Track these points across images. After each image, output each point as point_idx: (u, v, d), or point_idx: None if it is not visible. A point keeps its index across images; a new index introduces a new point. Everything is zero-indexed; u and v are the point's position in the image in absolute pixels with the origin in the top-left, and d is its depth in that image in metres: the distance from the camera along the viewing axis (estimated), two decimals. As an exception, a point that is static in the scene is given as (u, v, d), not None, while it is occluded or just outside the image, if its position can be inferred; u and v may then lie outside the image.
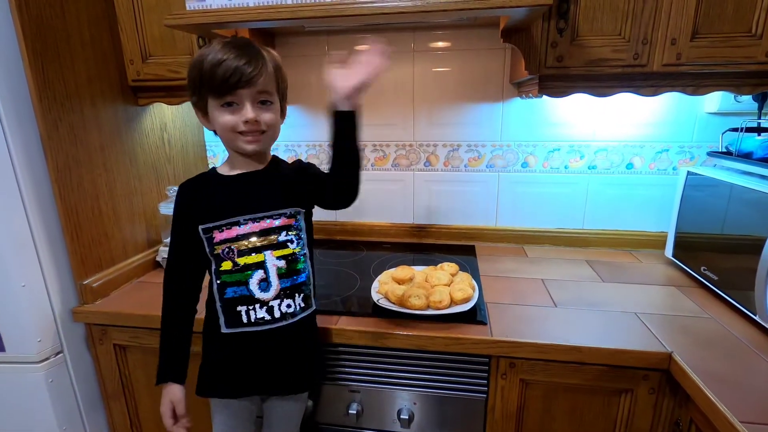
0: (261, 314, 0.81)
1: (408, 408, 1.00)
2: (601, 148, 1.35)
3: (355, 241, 1.52)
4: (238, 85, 0.73)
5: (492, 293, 1.09)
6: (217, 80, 0.73)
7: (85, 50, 1.05)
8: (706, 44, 0.94)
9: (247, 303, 0.80)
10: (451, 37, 1.35)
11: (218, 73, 0.72)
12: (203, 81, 0.75)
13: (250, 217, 0.80)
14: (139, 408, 1.17)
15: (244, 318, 0.81)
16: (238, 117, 0.76)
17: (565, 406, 0.94)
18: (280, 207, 0.82)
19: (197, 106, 0.80)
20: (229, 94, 0.74)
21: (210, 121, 0.80)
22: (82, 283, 1.06)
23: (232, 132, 0.77)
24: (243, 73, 0.72)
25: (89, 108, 1.08)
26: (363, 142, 1.47)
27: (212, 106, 0.77)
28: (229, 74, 0.72)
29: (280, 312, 0.82)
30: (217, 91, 0.74)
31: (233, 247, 0.80)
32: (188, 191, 0.84)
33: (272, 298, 0.81)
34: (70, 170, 1.03)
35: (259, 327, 0.81)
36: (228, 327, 0.82)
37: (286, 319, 0.82)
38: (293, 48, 1.43)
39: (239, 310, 0.80)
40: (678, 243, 1.22)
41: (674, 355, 0.83)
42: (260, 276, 0.80)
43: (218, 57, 0.72)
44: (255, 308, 0.80)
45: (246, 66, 0.73)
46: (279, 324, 0.82)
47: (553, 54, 0.99)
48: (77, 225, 1.05)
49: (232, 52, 0.73)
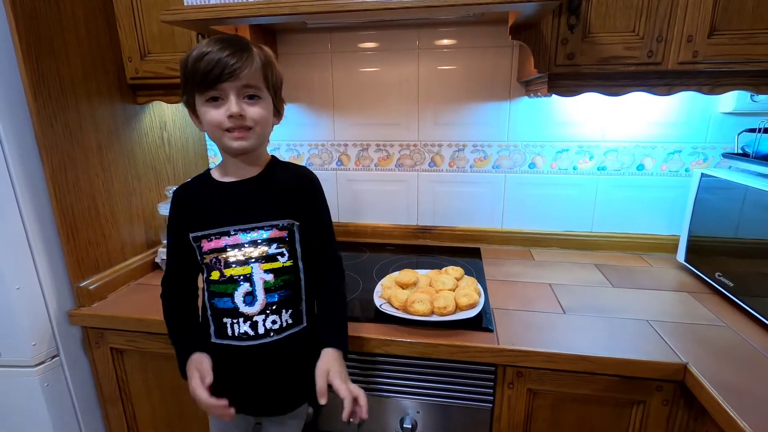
0: (244, 329, 0.78)
1: (411, 416, 0.97)
2: (611, 148, 1.32)
3: (357, 242, 1.49)
4: (220, 78, 0.69)
5: (498, 298, 1.06)
6: (200, 74, 0.70)
7: (81, 46, 1.03)
8: (725, 41, 0.90)
9: (232, 316, 0.78)
10: (457, 35, 1.31)
11: (200, 67, 0.70)
12: (188, 77, 0.73)
13: (240, 227, 0.78)
14: (137, 412, 1.14)
15: (229, 330, 0.79)
16: (224, 112, 0.72)
17: (574, 417, 0.90)
18: (273, 218, 0.79)
19: (188, 104, 0.78)
20: (212, 89, 0.71)
21: (202, 120, 0.77)
22: (79, 286, 1.04)
23: (218, 129, 0.74)
24: (225, 65, 0.69)
25: (86, 106, 1.05)
26: (366, 142, 1.45)
27: (199, 103, 0.75)
28: (210, 67, 0.69)
29: (264, 328, 0.78)
30: (200, 86, 0.72)
31: (220, 258, 0.78)
32: (181, 198, 0.83)
33: (257, 312, 0.77)
34: (66, 169, 1.00)
35: (242, 342, 0.78)
36: (216, 337, 0.80)
37: (269, 335, 0.78)
38: (295, 45, 1.40)
39: (225, 322, 0.79)
40: (691, 247, 1.18)
41: (690, 366, 0.79)
42: (246, 289, 0.77)
43: (201, 51, 0.70)
44: (239, 322, 0.78)
45: (229, 58, 0.69)
46: (262, 341, 0.78)
47: (564, 51, 0.96)
48: (73, 226, 1.02)
49: (216, 45, 0.70)
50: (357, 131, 1.45)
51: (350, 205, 1.53)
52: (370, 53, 1.37)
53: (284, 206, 0.80)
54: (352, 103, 1.42)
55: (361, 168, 1.48)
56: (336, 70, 1.40)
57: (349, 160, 1.48)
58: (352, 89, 1.41)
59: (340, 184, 1.51)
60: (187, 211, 0.81)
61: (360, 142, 1.46)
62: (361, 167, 1.48)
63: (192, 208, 0.81)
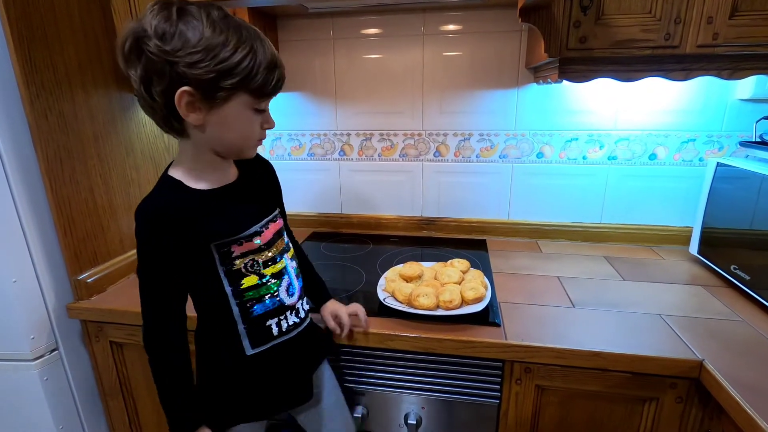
0: (292, 320, 0.78)
1: (416, 412, 0.95)
2: (623, 137, 1.27)
3: (361, 234, 1.46)
4: (278, 88, 0.67)
5: (505, 292, 1.03)
6: (272, 81, 0.65)
7: (75, 34, 1.00)
8: (747, 22, 0.85)
9: (278, 313, 0.76)
10: (463, 19, 1.27)
11: (275, 75, 0.65)
12: (251, 75, 0.62)
13: (262, 224, 0.74)
14: (138, 406, 1.13)
15: (274, 330, 0.75)
16: (262, 122, 0.69)
17: (583, 414, 0.88)
18: (273, 209, 0.80)
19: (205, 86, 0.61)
20: (268, 98, 0.68)
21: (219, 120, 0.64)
22: (77, 279, 1.02)
23: (250, 139, 0.69)
24: (284, 75, 0.68)
25: (81, 95, 1.02)
26: (370, 131, 1.42)
27: (240, 105, 0.64)
28: (282, 77, 0.66)
29: (304, 310, 0.81)
30: (266, 94, 0.66)
31: (257, 259, 0.73)
32: (169, 212, 0.66)
33: (297, 299, 0.79)
34: (62, 161, 0.98)
35: (290, 334, 0.78)
36: (255, 347, 0.74)
37: (308, 316, 0.83)
38: (296, 32, 1.36)
39: (269, 324, 0.75)
40: (704, 239, 1.14)
41: (706, 363, 0.76)
42: (287, 282, 0.77)
43: (272, 54, 0.64)
44: (286, 316, 0.77)
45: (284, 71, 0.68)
46: (305, 323, 0.81)
47: (576, 35, 0.91)
48: (70, 218, 1.00)
49: (271, 48, 0.65)
50: (360, 120, 1.41)
51: (353, 196, 1.49)
52: (373, 39, 1.33)
53: (271, 197, 0.81)
54: (355, 91, 1.38)
55: (365, 158, 1.45)
56: (338, 57, 1.36)
57: (352, 150, 1.45)
58: (354, 77, 1.37)
59: (342, 174, 1.48)
60: (195, 221, 0.67)
61: (363, 131, 1.42)
62: (364, 157, 1.45)
63: (192, 223, 0.67)
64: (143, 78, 0.62)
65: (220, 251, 0.69)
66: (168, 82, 0.60)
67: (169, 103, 0.62)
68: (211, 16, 0.61)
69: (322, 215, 1.53)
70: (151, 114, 0.67)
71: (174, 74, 0.60)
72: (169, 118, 0.64)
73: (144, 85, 0.62)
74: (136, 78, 0.62)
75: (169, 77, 0.60)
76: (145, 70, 0.61)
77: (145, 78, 0.61)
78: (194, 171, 0.70)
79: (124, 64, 0.63)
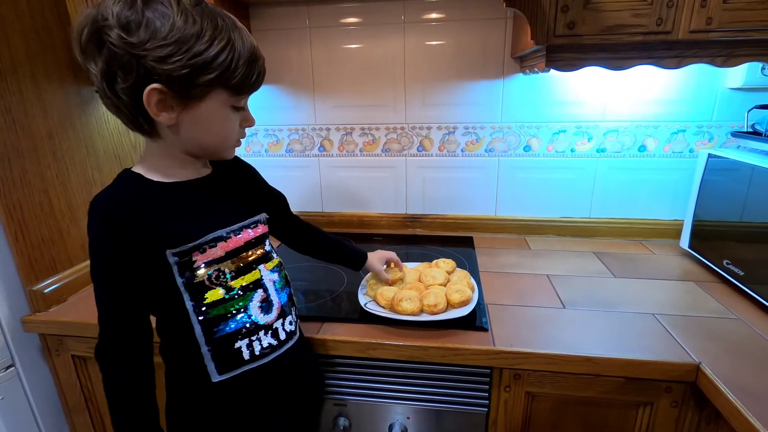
0: (266, 342, 0.67)
1: (401, 422, 0.89)
2: (611, 129, 1.23)
3: (342, 233, 1.40)
4: (258, 83, 0.62)
5: (493, 292, 0.98)
6: (253, 76, 0.60)
7: (21, 20, 0.91)
8: (742, 6, 0.81)
9: (249, 334, 0.65)
10: (446, 7, 1.21)
11: (255, 70, 0.60)
12: (229, 69, 0.56)
13: (231, 229, 0.65)
14: (105, 420, 1.06)
15: (245, 354, 0.65)
16: (241, 121, 0.64)
17: (575, 420, 0.84)
18: (253, 213, 0.71)
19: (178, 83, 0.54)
20: (247, 94, 0.63)
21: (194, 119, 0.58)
22: (32, 289, 0.94)
23: (229, 139, 0.64)
24: (264, 69, 0.63)
25: (31, 89, 0.93)
26: (350, 125, 1.35)
27: (218, 103, 0.59)
28: (263, 70, 0.62)
29: (285, 332, 0.70)
30: (246, 89, 0.61)
31: (223, 269, 0.63)
32: (123, 206, 0.59)
33: (275, 319, 0.68)
34: (10, 160, 0.89)
35: (264, 359, 0.67)
36: (222, 373, 0.64)
37: (291, 338, 0.71)
38: (270, 21, 1.28)
39: (238, 347, 0.64)
40: (695, 233, 1.11)
41: (703, 366, 0.72)
42: (261, 297, 0.67)
43: (251, 45, 0.59)
44: (259, 337, 0.66)
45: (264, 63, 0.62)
46: (286, 346, 0.70)
47: (564, 20, 0.86)
48: (22, 223, 0.92)
49: (250, 38, 0.59)
50: (340, 114, 1.35)
51: (334, 193, 1.43)
52: (352, 28, 1.26)
53: (252, 200, 0.74)
54: (334, 84, 1.32)
55: (345, 154, 1.38)
56: (315, 48, 1.29)
57: (332, 145, 1.38)
58: (333, 68, 1.30)
59: (322, 171, 1.41)
60: (147, 223, 0.59)
61: (343, 125, 1.36)
62: (345, 153, 1.38)
63: (147, 218, 0.59)
64: (105, 73, 0.54)
65: (181, 260, 0.61)
66: (135, 79, 0.54)
67: (136, 102, 0.55)
68: (182, 3, 0.54)
69: (302, 214, 1.45)
70: (116, 113, 0.59)
71: (141, 69, 0.53)
72: (137, 117, 0.58)
73: (106, 81, 0.55)
74: (96, 73, 0.55)
75: (136, 73, 0.53)
76: (107, 64, 0.53)
77: (107, 73, 0.54)
78: (160, 168, 0.63)
79: (82, 57, 0.55)
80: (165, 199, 0.62)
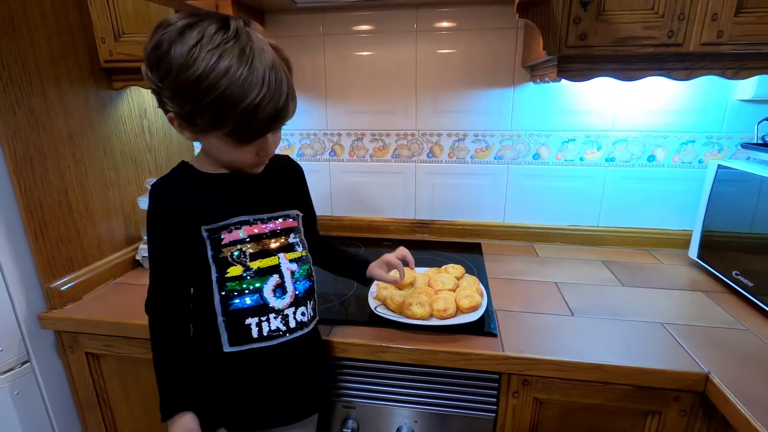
0: (275, 325, 0.71)
1: (408, 426, 0.90)
2: (621, 138, 1.24)
3: (352, 237, 1.41)
4: (269, 129, 0.64)
5: (501, 299, 0.99)
6: (249, 128, 0.61)
7: (46, 24, 0.94)
8: (753, 20, 0.82)
9: (260, 313, 0.70)
10: (458, 16, 1.22)
11: (252, 122, 0.60)
12: (219, 118, 0.59)
13: (259, 217, 0.72)
14: (116, 419, 1.07)
15: (254, 332, 0.70)
16: (254, 150, 0.66)
17: (583, 428, 0.84)
18: (283, 208, 0.75)
19: (183, 117, 0.62)
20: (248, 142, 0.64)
21: (204, 143, 0.67)
22: (49, 287, 0.96)
23: (241, 165, 0.69)
24: (282, 118, 0.63)
25: (54, 91, 0.96)
26: (361, 131, 1.37)
27: (222, 140, 0.63)
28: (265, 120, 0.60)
29: (295, 321, 0.74)
30: (239, 137, 0.62)
31: (245, 250, 0.70)
32: (169, 192, 0.70)
33: (287, 305, 0.73)
34: (32, 160, 0.92)
35: (271, 341, 0.71)
36: (233, 345, 0.71)
37: (301, 328, 0.74)
38: (284, 27, 1.30)
39: (248, 323, 0.70)
40: (704, 243, 1.12)
41: (712, 376, 0.73)
42: (275, 281, 0.72)
43: (255, 92, 0.57)
44: (269, 318, 0.71)
45: (285, 108, 0.62)
46: (293, 335, 0.73)
47: (576, 31, 0.88)
48: (42, 221, 0.94)
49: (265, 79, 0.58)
50: (351, 119, 1.36)
51: (344, 198, 1.45)
52: (364, 36, 1.28)
53: (289, 196, 0.79)
54: (346, 90, 1.34)
55: (356, 159, 1.40)
56: (328, 54, 1.31)
57: (342, 150, 1.40)
58: (345, 74, 1.32)
59: (333, 175, 1.43)
60: (188, 203, 0.69)
61: (354, 131, 1.37)
62: (355, 158, 1.40)
63: (194, 199, 0.69)
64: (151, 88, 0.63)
65: (212, 236, 0.69)
66: (159, 104, 0.64)
67: None
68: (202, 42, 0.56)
69: (311, 217, 1.47)
70: None
71: (161, 100, 0.63)
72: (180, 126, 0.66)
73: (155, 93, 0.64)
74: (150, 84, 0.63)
75: (159, 101, 0.63)
76: (150, 82, 0.62)
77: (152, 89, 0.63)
78: (207, 162, 0.71)
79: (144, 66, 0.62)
80: (206, 187, 0.70)
